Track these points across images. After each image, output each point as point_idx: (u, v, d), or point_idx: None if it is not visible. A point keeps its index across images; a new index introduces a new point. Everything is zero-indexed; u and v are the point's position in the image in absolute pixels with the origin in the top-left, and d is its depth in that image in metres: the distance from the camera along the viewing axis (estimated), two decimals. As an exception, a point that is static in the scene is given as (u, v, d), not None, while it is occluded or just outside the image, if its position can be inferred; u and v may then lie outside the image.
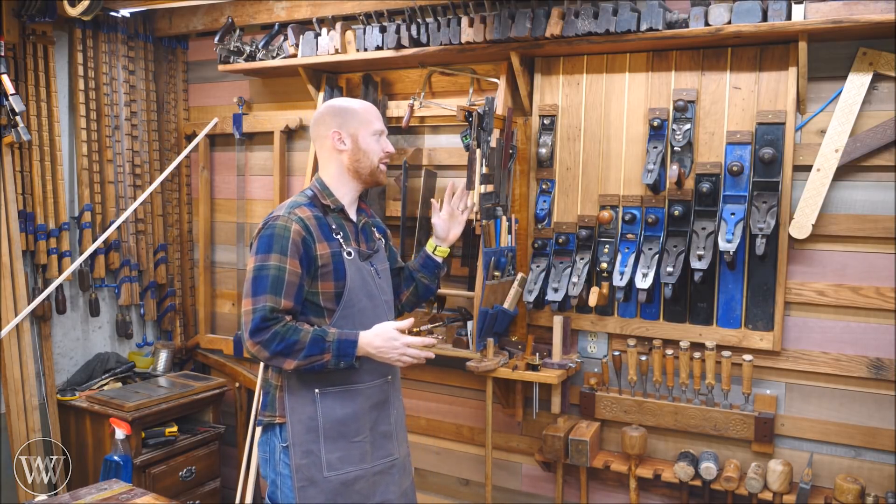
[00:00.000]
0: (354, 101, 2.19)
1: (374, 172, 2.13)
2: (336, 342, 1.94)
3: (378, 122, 2.13)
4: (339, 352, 1.94)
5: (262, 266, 1.95)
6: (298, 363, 1.92)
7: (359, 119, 2.11)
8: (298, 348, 1.91)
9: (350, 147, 2.10)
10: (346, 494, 2.03)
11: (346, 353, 1.95)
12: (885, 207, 2.37)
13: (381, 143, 2.13)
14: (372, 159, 2.11)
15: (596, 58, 2.75)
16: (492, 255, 2.69)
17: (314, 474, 2.01)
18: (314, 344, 1.93)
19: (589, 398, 2.82)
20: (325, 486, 2.01)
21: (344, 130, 2.10)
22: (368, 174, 2.12)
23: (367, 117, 2.12)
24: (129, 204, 3.53)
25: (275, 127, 3.49)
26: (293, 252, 1.96)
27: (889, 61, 2.31)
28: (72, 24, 3.32)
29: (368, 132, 2.10)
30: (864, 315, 2.43)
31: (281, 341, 1.91)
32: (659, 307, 2.71)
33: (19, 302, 3.11)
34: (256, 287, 1.94)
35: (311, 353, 1.92)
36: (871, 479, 2.43)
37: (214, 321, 3.87)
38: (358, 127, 2.10)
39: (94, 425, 3.21)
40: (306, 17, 3.23)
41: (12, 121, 2.99)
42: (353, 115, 2.12)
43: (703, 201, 2.53)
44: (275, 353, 1.91)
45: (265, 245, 1.97)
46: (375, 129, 2.11)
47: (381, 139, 2.13)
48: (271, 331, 1.91)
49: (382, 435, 2.13)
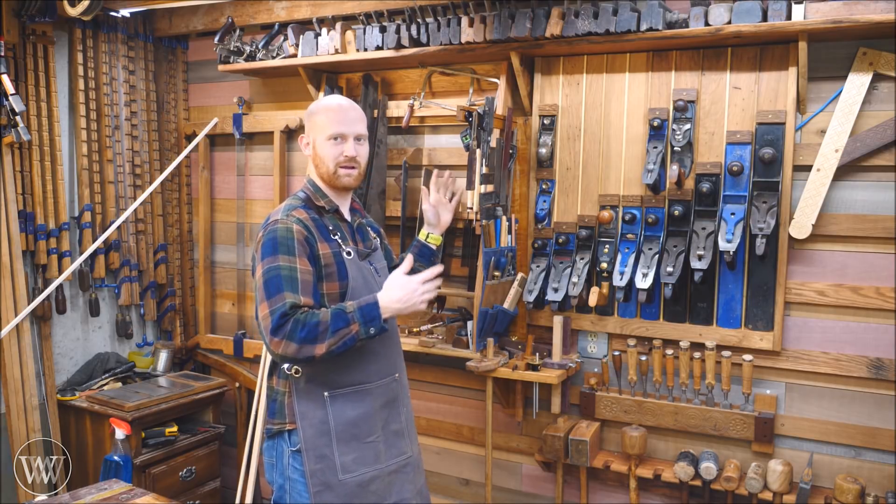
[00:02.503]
0: (326, 101, 2.13)
1: (331, 178, 2.06)
2: (358, 310, 1.89)
3: (339, 126, 2.04)
4: (364, 317, 1.89)
5: (272, 268, 1.91)
6: (330, 343, 1.85)
7: (316, 123, 2.07)
8: (323, 329, 1.85)
9: (312, 152, 2.09)
10: (362, 496, 2.01)
11: (371, 316, 1.89)
12: (885, 207, 2.37)
13: (340, 147, 2.05)
14: (328, 165, 2.05)
15: (596, 58, 2.75)
16: (492, 255, 2.69)
17: (329, 478, 1.99)
18: (338, 318, 1.86)
19: (589, 398, 2.82)
20: (340, 489, 1.99)
21: (308, 135, 2.09)
22: (328, 179, 2.07)
23: (323, 122, 2.06)
24: (129, 204, 3.53)
25: (275, 127, 3.49)
26: (301, 252, 1.93)
27: (889, 61, 2.31)
28: (72, 24, 3.32)
29: (324, 137, 2.05)
30: (864, 315, 2.43)
31: (303, 327, 1.84)
32: (659, 307, 2.71)
33: (19, 302, 3.11)
34: (270, 289, 1.89)
35: (337, 327, 1.85)
36: (871, 479, 2.43)
37: (214, 321, 3.87)
38: (316, 133, 2.07)
39: (94, 425, 3.21)
40: (306, 17, 3.23)
41: (12, 121, 2.99)
42: (314, 119, 2.09)
43: (703, 201, 2.53)
44: (302, 341, 1.84)
45: (270, 249, 1.93)
46: (332, 132, 2.04)
47: (343, 143, 2.05)
48: (291, 321, 1.84)
49: (394, 433, 2.12)
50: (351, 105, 2.12)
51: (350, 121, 2.07)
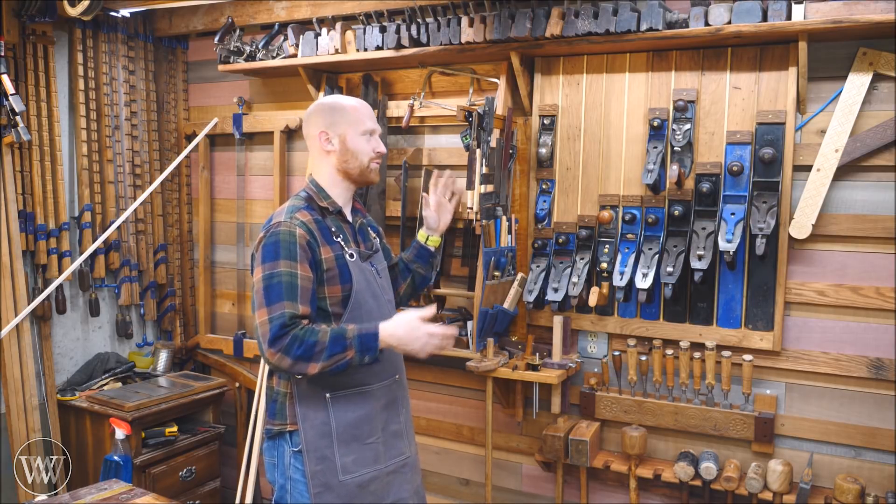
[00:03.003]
0: (345, 98, 2.13)
1: (364, 173, 2.07)
2: (357, 337, 1.89)
3: (369, 121, 2.06)
4: (362, 346, 1.89)
5: (273, 274, 1.89)
6: (323, 365, 1.86)
7: (347, 119, 2.05)
8: (319, 350, 1.85)
9: (338, 148, 2.05)
10: (361, 496, 2.02)
11: (368, 346, 1.89)
12: (885, 207, 2.37)
13: (372, 142, 2.06)
14: (361, 160, 2.05)
15: (596, 58, 2.75)
16: (492, 255, 2.69)
17: (329, 479, 1.99)
18: (335, 342, 1.87)
19: (589, 398, 2.82)
20: (340, 490, 1.99)
21: (332, 131, 2.05)
22: (358, 175, 2.07)
23: (356, 116, 2.05)
24: (129, 204, 3.52)
25: (275, 127, 3.49)
26: (302, 257, 1.92)
27: (889, 61, 2.31)
28: (72, 24, 3.32)
29: (357, 132, 2.04)
30: (864, 315, 2.43)
31: (301, 345, 1.84)
32: (659, 307, 2.71)
33: (19, 302, 3.11)
34: (270, 296, 1.87)
35: (333, 351, 1.86)
36: (871, 479, 2.43)
37: (214, 321, 3.87)
38: (346, 127, 2.04)
39: (94, 425, 3.21)
40: (306, 17, 3.23)
41: (12, 121, 2.98)
42: (342, 114, 2.05)
43: (703, 201, 2.53)
44: (297, 358, 1.84)
45: (272, 252, 1.92)
46: (365, 128, 2.05)
47: (373, 139, 2.07)
48: (290, 335, 1.84)
49: (394, 434, 2.12)
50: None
51: (375, 118, 2.12)
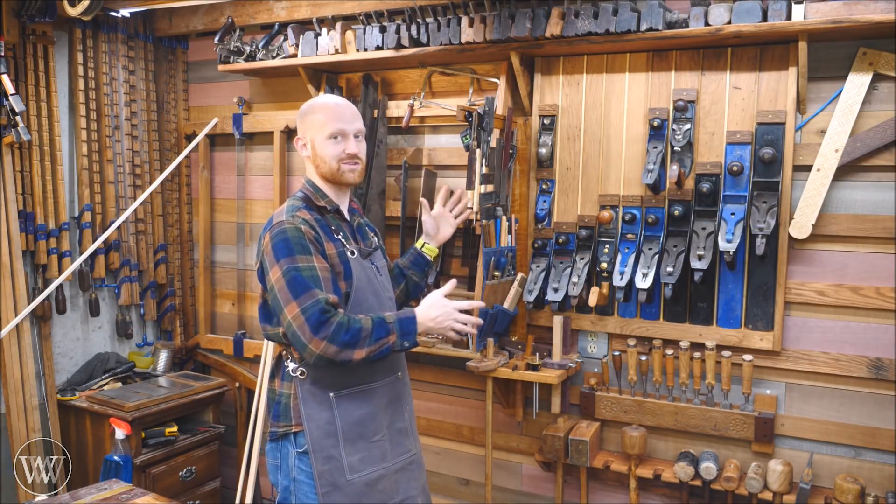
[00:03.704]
0: (319, 101, 2.12)
1: (336, 175, 2.05)
2: (397, 321, 1.93)
3: (337, 123, 2.03)
4: (402, 331, 1.92)
5: (291, 268, 1.88)
6: (369, 350, 1.87)
7: (315, 123, 2.04)
8: (365, 335, 1.87)
9: (311, 152, 2.07)
10: (370, 495, 2.02)
11: (408, 330, 1.93)
12: (885, 207, 2.37)
13: (341, 144, 2.03)
14: (330, 164, 2.03)
15: (596, 58, 2.75)
16: (492, 255, 2.70)
17: (337, 478, 1.98)
18: (379, 327, 1.89)
19: (589, 398, 2.82)
20: (349, 489, 1.99)
21: (305, 136, 2.07)
22: (331, 178, 2.06)
23: (322, 120, 2.03)
24: (129, 204, 3.53)
25: (275, 127, 3.49)
26: (314, 250, 1.93)
27: (889, 61, 2.31)
28: (72, 24, 3.32)
29: (323, 136, 2.03)
30: (864, 315, 2.43)
31: (347, 331, 1.84)
32: (659, 307, 2.71)
33: (19, 302, 3.11)
34: (296, 288, 1.86)
35: (378, 336, 1.88)
36: (871, 479, 2.43)
37: (214, 321, 3.87)
38: (314, 132, 2.04)
39: (94, 425, 3.21)
40: (306, 17, 3.23)
41: (12, 121, 2.99)
42: (311, 119, 2.06)
43: (703, 201, 2.53)
44: (344, 344, 1.84)
45: (284, 249, 1.91)
46: (332, 130, 2.02)
47: (344, 140, 2.03)
48: (335, 322, 1.84)
49: (399, 432, 2.13)
50: (346, 103, 2.11)
51: (348, 118, 2.06)
